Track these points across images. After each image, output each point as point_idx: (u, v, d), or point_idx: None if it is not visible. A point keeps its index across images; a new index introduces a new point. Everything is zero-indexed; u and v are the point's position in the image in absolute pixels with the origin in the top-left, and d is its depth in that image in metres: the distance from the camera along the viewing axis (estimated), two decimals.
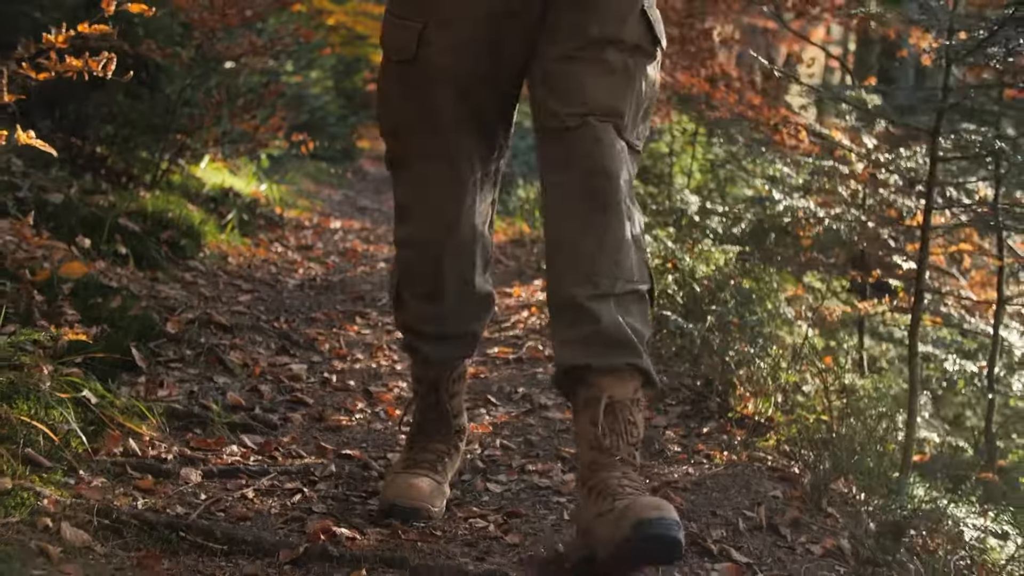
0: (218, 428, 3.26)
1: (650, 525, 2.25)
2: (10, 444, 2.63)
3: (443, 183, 2.69)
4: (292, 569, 2.46)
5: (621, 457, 2.45)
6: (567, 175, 2.51)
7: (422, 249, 2.75)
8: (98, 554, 2.37)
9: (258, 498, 2.84)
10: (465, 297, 2.80)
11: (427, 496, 2.75)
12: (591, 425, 2.46)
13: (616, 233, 2.48)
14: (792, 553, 2.86)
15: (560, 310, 2.54)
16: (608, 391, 2.46)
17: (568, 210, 2.51)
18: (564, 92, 2.52)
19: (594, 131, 2.49)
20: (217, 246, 5.64)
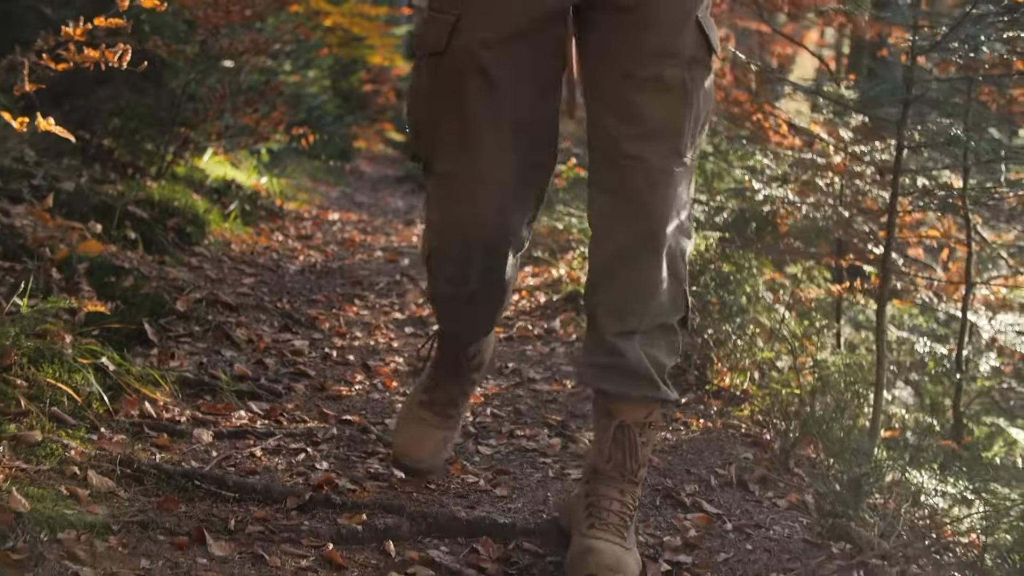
0: (227, 395, 3.46)
1: (601, 570, 2.41)
2: (38, 403, 2.83)
3: (469, 180, 2.55)
4: (298, 514, 2.68)
5: (622, 473, 2.55)
6: (616, 207, 2.50)
7: (448, 243, 2.68)
8: (122, 498, 2.58)
9: (265, 456, 3.05)
10: (491, 287, 2.74)
11: (430, 453, 2.90)
12: (602, 433, 2.58)
13: (652, 277, 2.50)
14: (759, 506, 3.08)
15: (590, 332, 2.60)
16: (621, 415, 2.56)
17: (611, 244, 2.52)
18: (621, 113, 2.47)
19: (652, 172, 2.46)
20: (221, 234, 5.85)
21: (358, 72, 16.12)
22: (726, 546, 2.80)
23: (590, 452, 2.69)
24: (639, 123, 2.47)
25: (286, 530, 2.58)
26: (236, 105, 6.50)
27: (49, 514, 2.33)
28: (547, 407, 3.79)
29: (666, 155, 2.47)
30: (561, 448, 3.39)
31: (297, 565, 2.42)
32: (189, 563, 2.34)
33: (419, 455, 2.88)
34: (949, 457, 4.11)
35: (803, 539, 2.88)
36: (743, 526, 2.91)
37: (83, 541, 2.29)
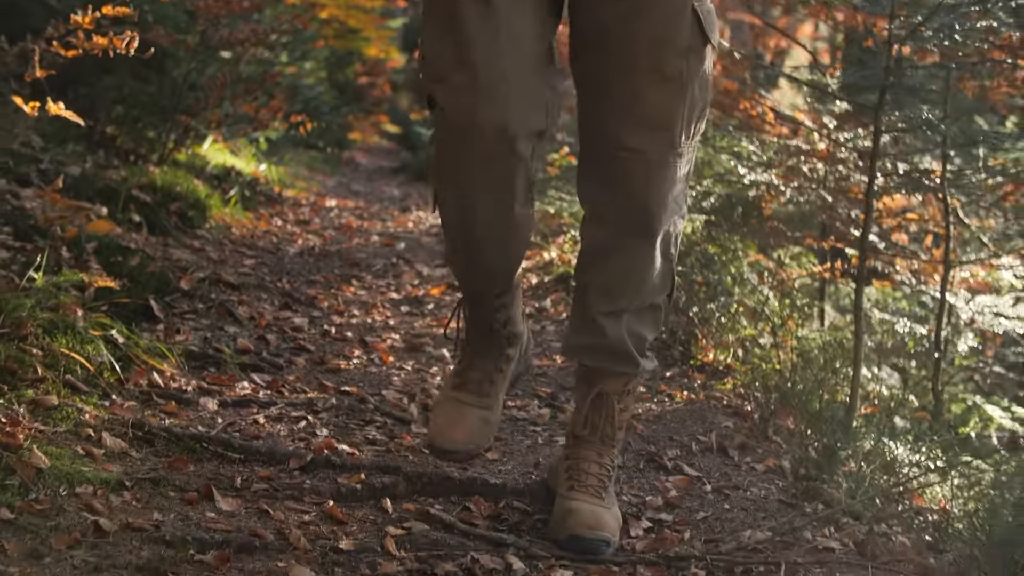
0: (230, 367, 3.61)
1: (580, 541, 2.54)
2: (53, 371, 2.97)
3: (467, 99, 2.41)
4: (300, 474, 2.82)
5: (601, 437, 2.67)
6: (612, 196, 2.55)
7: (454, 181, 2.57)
8: (134, 458, 2.72)
9: (268, 423, 3.19)
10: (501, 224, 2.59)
11: (467, 435, 2.77)
12: (582, 401, 2.70)
13: (646, 263, 2.57)
14: (738, 470, 3.23)
15: (577, 312, 2.70)
16: (601, 385, 2.67)
17: (605, 229, 2.58)
18: (617, 104, 2.49)
19: (646, 166, 2.49)
20: (221, 218, 5.99)
21: (354, 64, 16.24)
22: (705, 506, 2.95)
23: (571, 418, 2.80)
24: (635, 114, 2.48)
25: (289, 488, 2.72)
26: (236, 93, 6.64)
27: (67, 470, 2.47)
28: (537, 380, 3.93)
29: (663, 147, 2.48)
30: (550, 418, 3.54)
31: (300, 519, 2.56)
32: (199, 516, 2.48)
33: (455, 436, 2.76)
34: (924, 429, 4.26)
35: (778, 500, 3.03)
36: (722, 488, 3.06)
37: (99, 495, 2.43)
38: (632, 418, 3.53)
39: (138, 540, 2.28)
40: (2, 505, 2.23)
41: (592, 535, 2.55)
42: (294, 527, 2.49)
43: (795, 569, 2.52)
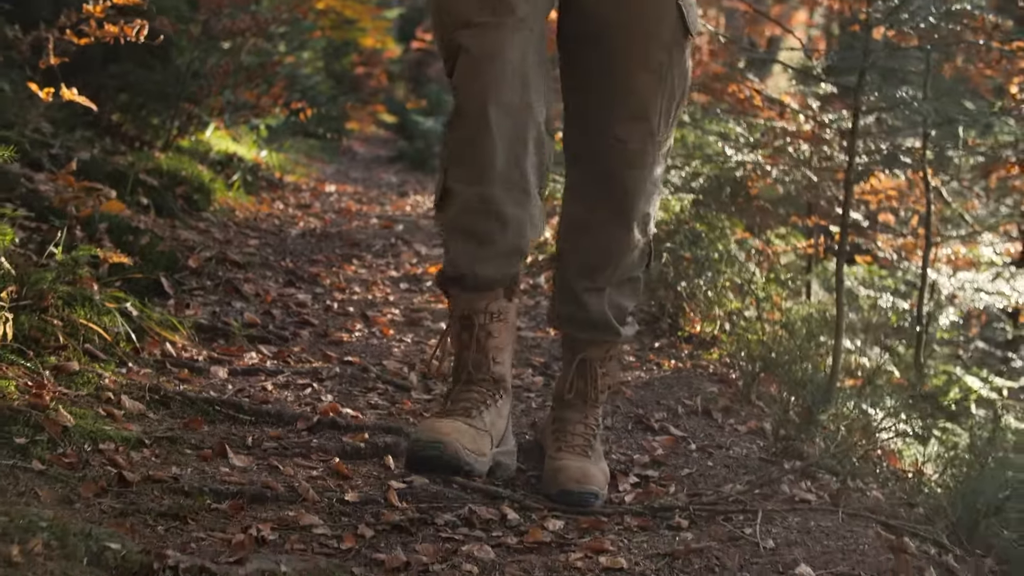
0: (239, 339, 3.77)
1: (569, 495, 2.67)
2: (73, 340, 3.13)
3: (488, 31, 2.45)
4: (308, 434, 2.98)
5: (585, 399, 2.84)
6: (594, 179, 2.70)
7: (465, 115, 2.51)
8: (152, 419, 2.89)
9: (276, 390, 3.36)
10: (516, 181, 2.53)
11: (451, 432, 2.49)
12: (567, 366, 2.88)
13: (623, 245, 2.73)
14: (721, 431, 3.39)
15: (560, 284, 2.85)
16: (583, 352, 2.84)
17: (585, 206, 2.74)
18: (602, 93, 2.63)
19: (627, 155, 2.64)
20: (225, 202, 6.14)
21: (350, 54, 16.35)
22: (689, 463, 3.11)
23: (557, 382, 2.96)
24: (620, 105, 2.62)
25: (297, 447, 2.88)
26: (238, 82, 6.79)
27: (90, 429, 2.63)
28: (531, 351, 4.09)
29: (643, 136, 2.63)
30: (543, 385, 3.71)
31: (308, 474, 2.72)
32: (214, 471, 2.64)
33: (438, 430, 2.50)
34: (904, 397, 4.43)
35: (759, 458, 3.19)
36: (705, 447, 3.23)
37: (121, 451, 2.59)
38: (621, 384, 3.69)
39: (159, 490, 2.44)
40: (33, 458, 2.39)
41: (580, 488, 2.69)
42: (303, 481, 2.65)
43: (771, 517, 2.68)
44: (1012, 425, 4.54)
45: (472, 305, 2.61)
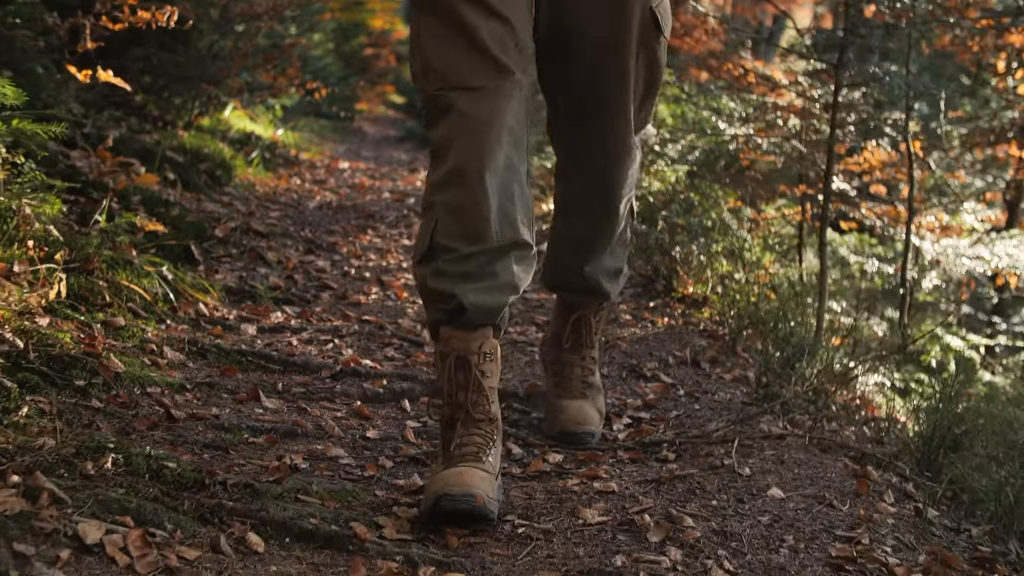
0: (265, 301, 4.05)
1: (570, 436, 2.94)
2: (118, 299, 3.41)
3: (482, 98, 2.46)
4: (332, 381, 3.26)
5: (581, 345, 3.07)
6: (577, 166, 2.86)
7: (462, 177, 2.45)
8: (192, 368, 3.17)
9: (301, 344, 3.64)
10: (508, 238, 2.51)
11: (478, 483, 2.33)
12: (562, 320, 3.10)
13: (610, 225, 2.90)
14: (708, 379, 3.67)
15: (554, 257, 3.02)
16: (579, 310, 3.06)
17: (574, 198, 2.90)
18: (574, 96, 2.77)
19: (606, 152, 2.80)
20: (246, 177, 6.42)
21: (359, 36, 16.56)
22: (678, 406, 3.38)
23: (552, 327, 3.18)
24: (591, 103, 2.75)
25: (323, 392, 3.17)
26: (256, 63, 7.06)
27: (138, 375, 2.91)
28: (535, 311, 4.37)
29: (624, 135, 2.78)
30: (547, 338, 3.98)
31: (333, 415, 3.00)
32: (249, 411, 2.93)
33: (465, 480, 2.33)
34: (882, 350, 4.70)
35: (742, 402, 3.46)
36: (693, 392, 3.50)
37: (167, 394, 2.87)
38: (616, 339, 3.97)
39: (202, 426, 2.72)
40: (92, 397, 2.67)
41: (579, 429, 2.96)
42: (329, 420, 2.93)
43: (749, 450, 2.95)
44: (984, 377, 4.81)
45: (467, 347, 2.49)
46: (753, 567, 2.25)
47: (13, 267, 3.13)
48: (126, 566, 1.90)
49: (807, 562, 2.29)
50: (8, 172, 3.37)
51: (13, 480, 1.99)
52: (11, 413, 2.32)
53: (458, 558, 2.18)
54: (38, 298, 3.04)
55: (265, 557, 2.07)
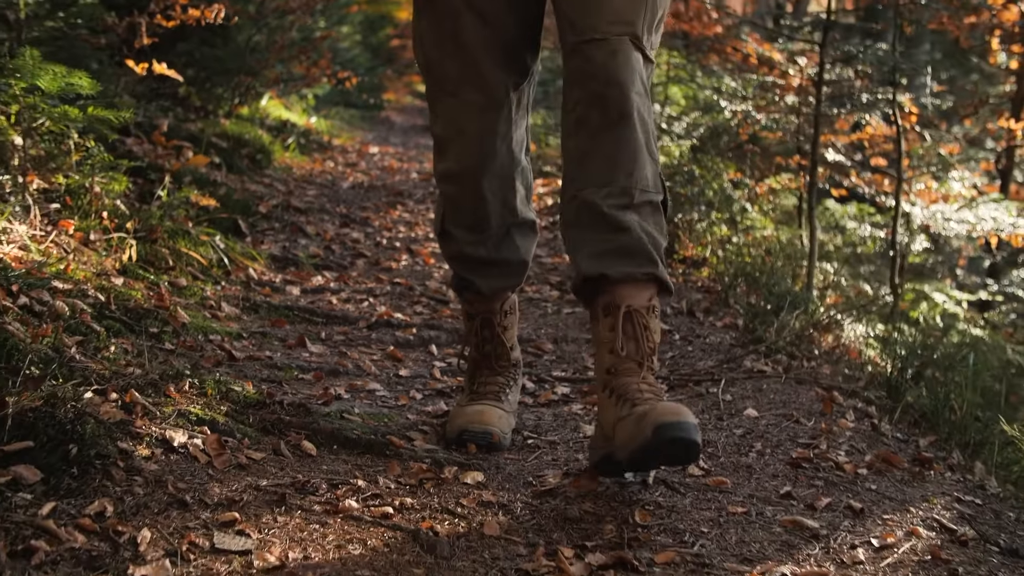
0: (306, 267, 4.46)
1: (670, 428, 2.23)
2: (179, 263, 3.83)
3: (477, 111, 2.57)
4: (368, 330, 3.67)
5: (639, 361, 2.41)
6: (584, 88, 2.46)
7: (462, 180, 2.64)
8: (246, 320, 3.58)
9: (339, 303, 4.04)
10: (508, 223, 2.70)
11: (495, 421, 2.67)
12: (610, 331, 2.42)
13: (631, 144, 2.43)
14: (701, 325, 4.05)
15: (578, 215, 2.47)
16: (627, 300, 2.41)
17: (584, 120, 2.46)
18: (583, 6, 2.46)
19: (610, 44, 2.42)
20: (283, 161, 6.84)
21: (386, 27, 16.95)
22: (673, 348, 3.77)
23: (599, 361, 2.49)
24: (599, 15, 2.44)
25: (360, 339, 3.57)
26: (291, 55, 7.47)
27: (202, 325, 3.32)
28: (549, 273, 4.77)
29: (623, 33, 2.44)
30: (558, 297, 4.37)
31: (371, 357, 3.41)
32: (297, 355, 3.33)
33: (484, 419, 2.67)
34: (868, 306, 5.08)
35: (730, 344, 3.85)
36: (687, 336, 3.89)
37: (227, 340, 3.28)
38: None
39: (259, 365, 3.13)
40: (165, 341, 3.08)
41: (679, 419, 2.26)
42: (367, 361, 3.34)
43: (732, 382, 3.34)
44: (961, 328, 5.17)
45: (489, 307, 2.81)
46: (725, 466, 2.65)
47: (89, 236, 3.55)
48: (206, 463, 2.31)
49: (770, 462, 2.68)
50: (80, 155, 3.78)
51: (112, 397, 2.40)
52: (102, 350, 2.73)
53: (477, 461, 2.58)
54: (113, 261, 3.46)
55: (317, 459, 2.48)
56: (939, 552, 2.21)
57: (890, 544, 2.24)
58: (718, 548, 2.19)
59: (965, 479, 2.81)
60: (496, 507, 2.33)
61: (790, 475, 2.61)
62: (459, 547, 2.11)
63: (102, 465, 2.12)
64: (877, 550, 2.21)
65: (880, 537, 2.27)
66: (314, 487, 2.30)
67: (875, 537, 2.27)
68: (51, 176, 3.68)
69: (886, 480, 2.64)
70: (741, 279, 4.56)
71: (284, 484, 2.28)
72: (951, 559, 2.19)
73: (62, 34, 4.80)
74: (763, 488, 2.52)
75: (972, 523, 2.41)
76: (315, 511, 2.18)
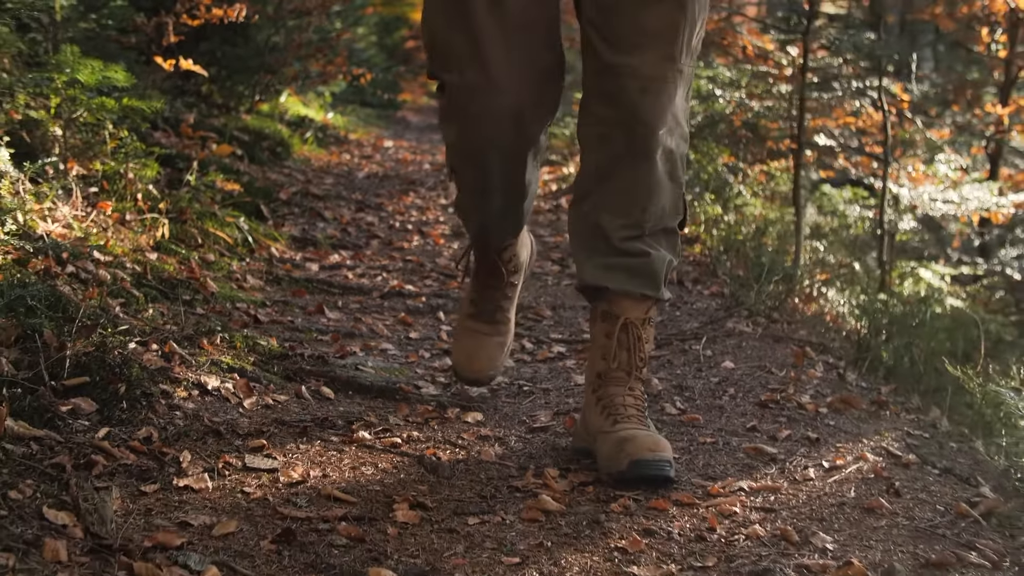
0: (324, 246, 4.75)
1: (645, 466, 2.32)
2: (207, 241, 4.13)
3: (475, 102, 2.42)
4: (381, 300, 3.96)
5: (628, 371, 2.48)
6: (612, 109, 2.39)
7: (467, 159, 2.57)
8: (269, 291, 3.87)
9: (355, 277, 4.33)
10: (514, 192, 2.63)
11: (487, 363, 2.85)
12: (605, 338, 2.49)
13: (650, 180, 2.42)
14: (689, 293, 4.33)
15: (591, 232, 2.50)
16: (625, 313, 2.47)
17: (607, 140, 2.43)
18: (614, 23, 2.37)
19: (641, 79, 2.34)
20: (302, 153, 7.14)
21: (401, 29, 17.23)
22: (662, 314, 4.04)
23: (591, 361, 2.57)
24: (632, 32, 2.36)
25: (374, 307, 3.86)
26: (308, 54, 7.77)
27: (229, 294, 3.61)
28: (551, 251, 5.05)
29: (657, 62, 2.34)
30: (558, 271, 4.66)
31: (383, 323, 3.70)
32: (316, 320, 3.62)
33: (477, 366, 2.85)
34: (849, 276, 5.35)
35: (715, 310, 4.13)
36: (676, 303, 4.17)
37: (252, 308, 3.57)
38: None
39: (281, 327, 3.42)
40: (197, 307, 3.38)
41: (655, 456, 2.35)
42: (380, 325, 3.63)
43: (714, 340, 3.62)
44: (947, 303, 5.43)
45: (497, 253, 2.82)
46: (699, 407, 2.93)
47: (125, 216, 3.85)
48: (236, 403, 2.60)
49: (741, 404, 2.96)
50: (115, 143, 4.08)
51: (153, 347, 2.69)
52: (141, 311, 3.02)
53: (477, 403, 2.87)
54: (147, 239, 3.75)
55: (334, 401, 2.77)
56: (882, 471, 2.48)
57: (839, 466, 2.52)
58: (686, 469, 2.47)
59: (919, 419, 3.08)
60: (493, 440, 2.62)
61: (757, 414, 2.88)
62: (458, 469, 2.40)
63: (147, 402, 2.42)
64: (827, 470, 2.49)
65: (831, 460, 2.55)
66: (331, 422, 2.59)
67: (826, 460, 2.55)
68: (89, 163, 3.97)
69: (844, 418, 2.92)
70: (730, 252, 4.83)
71: (305, 420, 2.57)
72: (891, 477, 2.46)
73: (94, 34, 5.10)
74: (731, 424, 2.80)
75: (916, 451, 2.69)
76: (333, 441, 2.47)
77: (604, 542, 2.07)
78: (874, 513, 2.24)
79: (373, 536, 2.02)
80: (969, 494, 2.40)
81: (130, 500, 2.01)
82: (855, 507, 2.27)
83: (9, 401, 2.15)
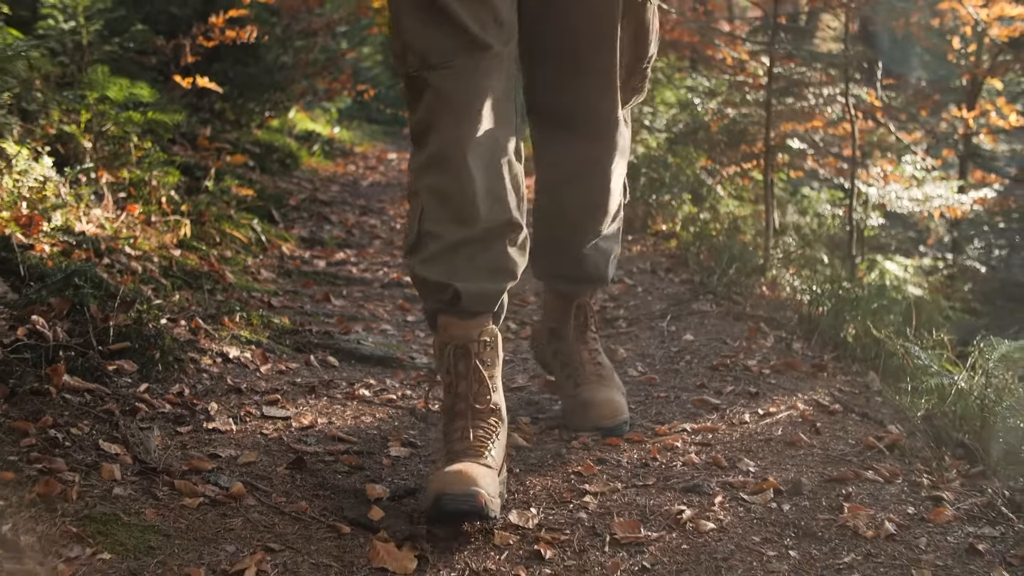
0: (330, 245, 5.13)
1: (609, 432, 2.68)
2: (225, 240, 4.51)
3: (460, 84, 2.23)
4: (381, 289, 4.34)
5: (581, 334, 2.86)
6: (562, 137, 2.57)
7: (446, 161, 2.24)
8: (281, 282, 4.26)
9: (358, 271, 4.71)
10: (498, 218, 2.28)
11: (478, 480, 2.10)
12: (560, 314, 2.88)
13: (603, 198, 2.64)
14: (662, 281, 4.70)
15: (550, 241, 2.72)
16: (576, 299, 2.86)
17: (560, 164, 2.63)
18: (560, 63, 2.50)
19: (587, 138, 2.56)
20: (310, 164, 7.53)
21: None
22: (635, 298, 4.42)
23: (547, 320, 2.92)
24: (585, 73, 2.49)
25: (375, 295, 4.24)
26: (315, 72, 8.17)
27: (245, 285, 3.99)
28: None
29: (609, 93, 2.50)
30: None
31: (383, 308, 4.07)
32: (323, 306, 4.00)
33: (464, 479, 2.10)
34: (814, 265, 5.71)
35: (683, 293, 4.50)
36: (648, 289, 4.54)
37: (265, 296, 3.96)
38: None
39: (292, 312, 3.80)
40: (218, 294, 3.76)
41: (614, 423, 2.70)
42: (381, 311, 4.01)
43: (678, 318, 3.99)
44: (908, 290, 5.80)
45: (466, 335, 2.30)
46: (657, 370, 3.30)
47: (151, 218, 4.23)
48: (254, 369, 2.98)
49: (695, 367, 3.33)
50: (140, 154, 4.46)
51: (182, 323, 3.08)
52: (170, 296, 3.40)
53: None
54: (171, 237, 4.14)
55: (339, 368, 3.16)
56: (808, 416, 2.85)
57: (772, 413, 2.89)
58: (639, 416, 2.84)
59: (854, 380, 3.45)
60: None
61: (708, 375, 3.26)
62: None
63: (179, 366, 2.80)
64: (761, 416, 2.86)
65: (766, 409, 2.92)
66: (336, 384, 2.97)
67: (762, 409, 2.92)
68: (117, 171, 4.36)
69: (785, 377, 3.29)
70: (701, 245, 5.20)
71: (313, 382, 2.96)
72: (816, 420, 2.83)
73: (117, 56, 5.49)
74: (684, 382, 3.17)
75: (842, 402, 3.06)
76: (337, 397, 2.86)
77: (564, 469, 2.44)
78: (794, 446, 2.61)
79: (371, 465, 2.40)
80: (880, 432, 2.77)
81: (168, 438, 2.39)
82: (779, 442, 2.64)
83: (65, 361, 2.53)
